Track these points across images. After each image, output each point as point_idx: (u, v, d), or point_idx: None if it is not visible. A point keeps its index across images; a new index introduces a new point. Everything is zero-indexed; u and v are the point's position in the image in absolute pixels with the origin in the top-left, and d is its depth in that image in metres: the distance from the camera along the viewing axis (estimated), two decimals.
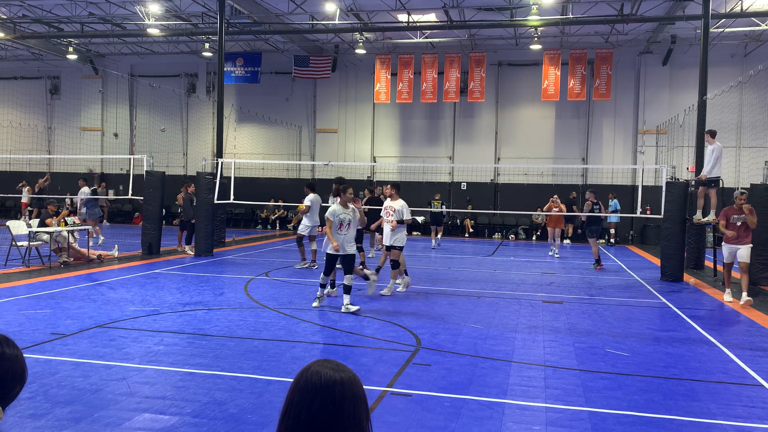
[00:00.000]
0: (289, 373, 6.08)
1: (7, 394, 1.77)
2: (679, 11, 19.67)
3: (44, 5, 22.25)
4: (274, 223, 26.59)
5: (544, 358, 6.95)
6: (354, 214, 9.65)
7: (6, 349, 1.78)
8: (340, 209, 9.47)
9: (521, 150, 25.53)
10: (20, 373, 1.80)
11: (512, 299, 10.76)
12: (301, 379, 1.64)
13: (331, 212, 9.42)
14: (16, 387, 1.80)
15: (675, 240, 13.65)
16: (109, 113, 29.61)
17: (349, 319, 8.76)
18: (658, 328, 8.79)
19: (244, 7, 20.64)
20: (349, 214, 9.49)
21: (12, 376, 1.78)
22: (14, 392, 1.80)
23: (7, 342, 1.80)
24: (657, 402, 5.53)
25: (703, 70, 16.25)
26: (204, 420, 4.84)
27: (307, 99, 27.83)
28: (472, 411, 5.19)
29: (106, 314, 8.60)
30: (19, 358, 1.82)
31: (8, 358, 1.77)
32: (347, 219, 9.43)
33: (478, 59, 24.44)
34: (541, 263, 16.52)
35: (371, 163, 26.48)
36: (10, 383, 1.77)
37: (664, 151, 23.33)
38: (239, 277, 12.52)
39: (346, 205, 9.56)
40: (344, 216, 9.42)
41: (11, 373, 1.78)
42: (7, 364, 1.77)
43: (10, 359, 1.78)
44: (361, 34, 22.68)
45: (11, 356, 1.78)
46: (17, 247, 13.37)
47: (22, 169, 28.88)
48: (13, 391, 1.79)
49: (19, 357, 1.81)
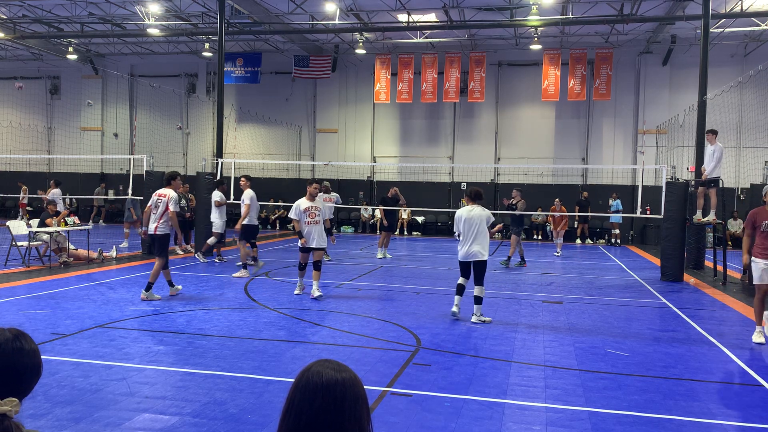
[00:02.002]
0: (289, 373, 6.08)
1: (26, 388, 1.86)
2: (679, 11, 19.67)
3: (44, 5, 22.25)
4: (274, 223, 26.59)
5: (544, 358, 6.95)
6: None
7: (25, 344, 1.85)
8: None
9: (521, 150, 25.53)
10: (38, 367, 1.88)
11: (512, 299, 10.75)
12: (302, 379, 1.65)
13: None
14: (34, 380, 1.88)
15: (675, 240, 13.65)
16: (109, 113, 29.61)
17: (349, 319, 8.76)
18: (658, 328, 8.79)
19: (244, 7, 20.64)
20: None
21: (32, 369, 1.85)
22: (32, 385, 1.88)
23: (24, 337, 1.87)
24: (657, 402, 5.53)
25: (703, 70, 16.24)
26: (204, 420, 4.83)
27: (307, 99, 27.83)
28: (472, 411, 5.19)
29: (106, 314, 8.60)
30: (37, 352, 1.89)
31: (27, 353, 1.84)
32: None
33: (478, 59, 24.45)
34: (542, 263, 16.52)
35: (371, 163, 26.48)
36: (29, 377, 1.85)
37: (664, 151, 23.34)
38: (239, 276, 12.52)
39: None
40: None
41: (31, 366, 1.85)
42: (27, 359, 1.84)
43: (29, 354, 1.85)
44: (361, 34, 22.68)
45: (30, 351, 1.85)
46: (17, 247, 13.37)
47: (22, 169, 28.89)
48: (31, 384, 1.87)
49: (36, 351, 1.88)
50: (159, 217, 9.89)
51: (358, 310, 9.44)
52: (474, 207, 8.93)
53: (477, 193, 9.02)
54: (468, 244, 8.79)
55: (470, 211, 8.88)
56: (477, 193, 9.03)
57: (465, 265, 9.02)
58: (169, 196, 9.94)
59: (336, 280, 12.37)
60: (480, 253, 8.74)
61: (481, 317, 8.78)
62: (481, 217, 8.80)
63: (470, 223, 8.79)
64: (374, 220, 25.59)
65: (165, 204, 9.91)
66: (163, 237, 9.94)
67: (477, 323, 8.68)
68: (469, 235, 8.78)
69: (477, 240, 8.74)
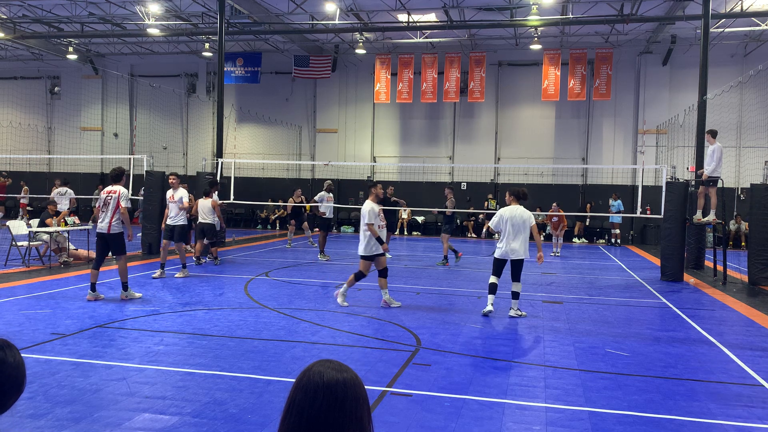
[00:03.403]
0: (289, 373, 6.08)
1: (3, 404, 1.69)
2: (679, 11, 19.67)
3: (44, 5, 22.25)
4: (274, 223, 26.59)
5: (544, 358, 6.95)
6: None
7: (8, 356, 1.70)
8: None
9: (521, 150, 25.54)
10: (19, 384, 1.72)
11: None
12: (304, 379, 1.65)
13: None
14: (13, 397, 1.71)
15: (675, 240, 13.65)
16: (109, 113, 29.61)
17: (349, 319, 8.76)
18: (658, 328, 8.79)
19: (244, 7, 20.65)
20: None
21: (11, 383, 1.70)
22: (9, 402, 1.71)
23: (9, 349, 1.72)
24: (657, 402, 5.53)
25: (703, 70, 16.25)
26: (204, 420, 4.83)
27: (307, 99, 27.83)
28: (472, 411, 5.19)
29: (106, 314, 8.60)
30: (21, 367, 1.73)
31: (10, 366, 1.70)
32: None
33: (478, 59, 24.45)
34: (542, 263, 16.50)
35: (371, 163, 26.48)
36: (9, 392, 1.70)
37: (664, 151, 23.34)
38: (239, 277, 12.52)
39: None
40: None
41: (11, 380, 1.70)
42: (9, 371, 1.69)
43: (12, 367, 1.70)
44: (361, 34, 22.68)
45: (13, 364, 1.70)
46: (17, 247, 13.37)
47: (22, 169, 28.89)
48: (8, 401, 1.70)
49: (20, 366, 1.73)
50: (111, 215, 9.62)
51: (358, 310, 9.43)
52: (518, 207, 9.23)
53: (523, 194, 9.37)
54: (510, 242, 9.08)
55: (514, 210, 9.18)
56: (523, 193, 9.39)
57: (501, 263, 9.28)
58: (119, 193, 9.67)
59: (336, 280, 12.37)
60: (520, 251, 9.07)
61: (519, 311, 9.18)
62: (523, 217, 9.12)
63: (513, 222, 9.09)
64: None
65: (116, 201, 9.65)
66: (118, 235, 9.69)
67: (514, 316, 9.09)
68: (512, 233, 9.07)
69: (518, 239, 9.06)
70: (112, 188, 9.79)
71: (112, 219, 9.59)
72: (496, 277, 9.27)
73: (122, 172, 10.07)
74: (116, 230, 9.64)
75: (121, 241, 9.79)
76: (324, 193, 16.40)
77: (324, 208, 16.26)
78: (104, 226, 9.61)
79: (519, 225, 9.07)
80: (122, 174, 10.03)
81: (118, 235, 9.69)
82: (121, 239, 9.77)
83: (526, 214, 9.16)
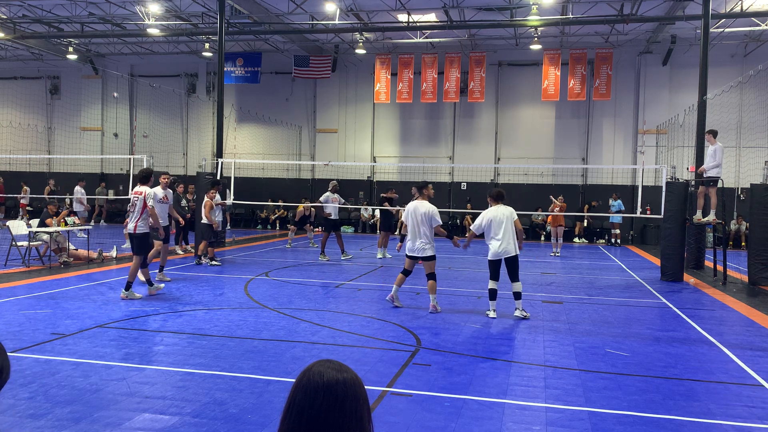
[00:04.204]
0: (289, 373, 6.08)
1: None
2: (679, 11, 19.67)
3: (44, 5, 22.25)
4: (274, 223, 26.59)
5: (544, 358, 6.95)
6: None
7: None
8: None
9: (521, 150, 25.54)
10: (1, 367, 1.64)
11: (512, 299, 10.72)
12: (304, 379, 1.65)
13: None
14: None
15: (675, 240, 13.65)
16: (109, 113, 29.61)
17: (349, 319, 8.76)
18: (658, 328, 8.79)
19: (244, 7, 20.64)
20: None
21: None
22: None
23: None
24: (657, 402, 5.53)
25: (703, 70, 16.25)
26: (204, 420, 4.84)
27: (307, 99, 27.83)
28: (472, 411, 5.19)
29: (106, 314, 8.60)
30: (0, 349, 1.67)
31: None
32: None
33: (478, 59, 24.45)
34: (541, 263, 16.52)
35: (371, 163, 26.48)
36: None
37: (664, 151, 23.34)
38: (239, 277, 12.52)
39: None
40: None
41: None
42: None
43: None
44: (361, 34, 22.68)
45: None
46: (17, 247, 13.37)
47: (22, 169, 28.89)
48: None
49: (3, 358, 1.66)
50: (138, 216, 9.81)
51: (358, 310, 9.44)
52: (499, 206, 9.27)
53: (500, 194, 9.42)
54: (498, 241, 9.10)
55: (496, 210, 9.21)
56: (500, 193, 9.44)
57: (496, 264, 9.24)
58: (145, 193, 9.87)
59: (336, 280, 12.37)
60: (510, 249, 9.08)
61: (523, 312, 9.14)
62: (505, 214, 9.15)
63: (499, 221, 9.11)
64: (374, 220, 25.58)
65: (142, 201, 9.83)
66: (142, 236, 9.87)
67: (520, 317, 9.05)
68: (498, 232, 9.08)
69: (506, 237, 9.07)
70: (139, 189, 10.00)
71: (138, 219, 9.83)
72: (494, 282, 9.25)
73: (150, 173, 10.28)
74: (141, 230, 9.86)
75: (144, 242, 9.98)
76: (329, 194, 16.24)
77: (329, 209, 16.18)
78: (131, 227, 9.88)
79: (503, 223, 9.11)
80: (150, 175, 10.22)
81: (143, 235, 9.90)
82: (144, 240, 9.96)
83: (507, 210, 9.21)
